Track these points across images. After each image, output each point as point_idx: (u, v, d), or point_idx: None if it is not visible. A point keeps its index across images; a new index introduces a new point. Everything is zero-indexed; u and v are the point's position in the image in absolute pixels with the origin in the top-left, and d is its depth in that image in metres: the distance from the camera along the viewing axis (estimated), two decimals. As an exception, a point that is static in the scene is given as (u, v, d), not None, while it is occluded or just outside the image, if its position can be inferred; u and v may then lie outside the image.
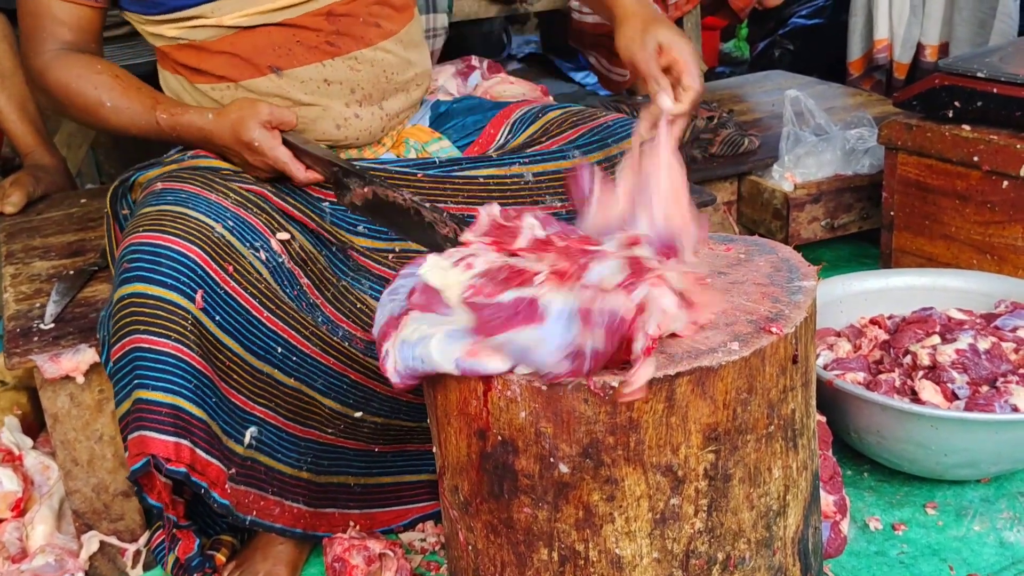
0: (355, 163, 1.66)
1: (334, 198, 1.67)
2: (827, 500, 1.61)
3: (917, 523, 1.72)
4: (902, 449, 1.73)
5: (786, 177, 2.57)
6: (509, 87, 2.43)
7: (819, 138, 2.61)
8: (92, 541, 1.71)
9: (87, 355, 1.60)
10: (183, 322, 1.42)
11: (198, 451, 1.42)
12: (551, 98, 2.45)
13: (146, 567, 1.72)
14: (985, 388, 1.75)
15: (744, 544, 1.22)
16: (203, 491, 1.44)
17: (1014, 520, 1.71)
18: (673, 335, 1.18)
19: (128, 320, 1.42)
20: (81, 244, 2.02)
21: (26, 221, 2.17)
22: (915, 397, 1.76)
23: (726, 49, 5.36)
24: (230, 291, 1.48)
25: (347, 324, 1.61)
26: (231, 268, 1.48)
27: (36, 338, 1.64)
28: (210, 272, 1.45)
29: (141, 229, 1.46)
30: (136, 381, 1.41)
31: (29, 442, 1.94)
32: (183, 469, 1.41)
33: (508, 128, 1.84)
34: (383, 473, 1.74)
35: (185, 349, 1.42)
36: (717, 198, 2.42)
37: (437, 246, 1.45)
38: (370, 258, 1.68)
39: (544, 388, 1.13)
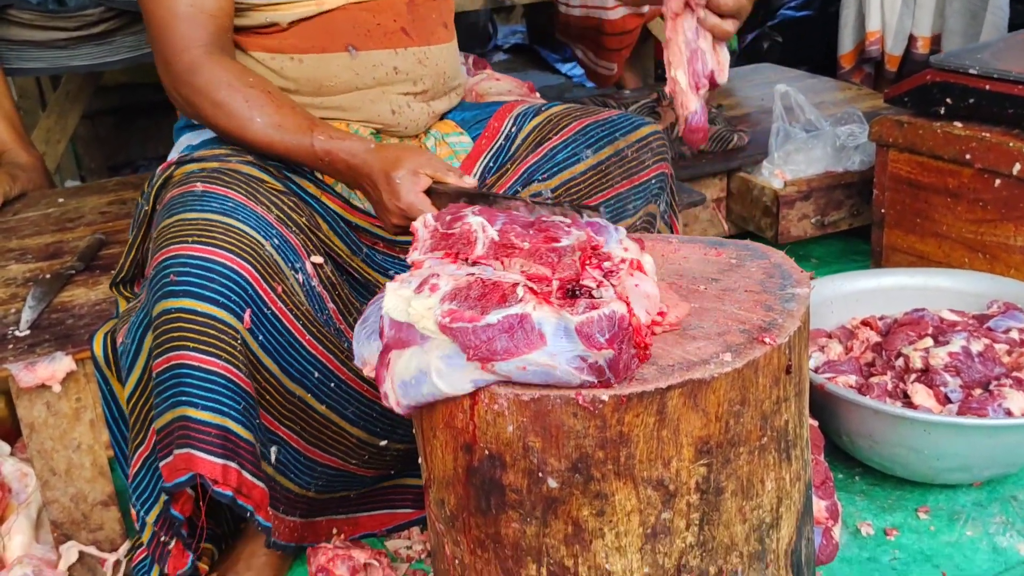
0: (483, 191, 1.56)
1: (374, 243, 1.64)
2: (819, 505, 1.59)
3: (909, 528, 1.70)
4: (894, 453, 1.71)
5: (776, 174, 2.55)
6: (495, 83, 2.39)
7: (809, 134, 2.59)
8: (71, 551, 1.67)
9: (63, 363, 1.56)
10: (233, 342, 1.38)
11: (245, 473, 1.38)
12: (538, 94, 2.41)
13: (126, 577, 1.69)
14: (978, 391, 1.73)
15: (736, 558, 1.20)
16: (249, 514, 1.41)
17: (1007, 525, 1.69)
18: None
19: (175, 335, 1.36)
20: (59, 246, 1.98)
21: (2, 222, 2.13)
22: (907, 401, 1.74)
23: (714, 41, 5.31)
24: (276, 312, 1.43)
25: None
26: (280, 288, 1.43)
27: (11, 345, 1.60)
28: (259, 291, 1.41)
29: (190, 239, 1.39)
30: (183, 398, 1.36)
31: (6, 448, 1.90)
32: (230, 492, 1.37)
33: (512, 120, 1.82)
34: (387, 479, 1.72)
35: (234, 369, 1.38)
36: (707, 197, 2.39)
37: None
38: None
39: (531, 402, 1.09)
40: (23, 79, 3.43)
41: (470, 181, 1.47)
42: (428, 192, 1.45)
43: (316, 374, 1.49)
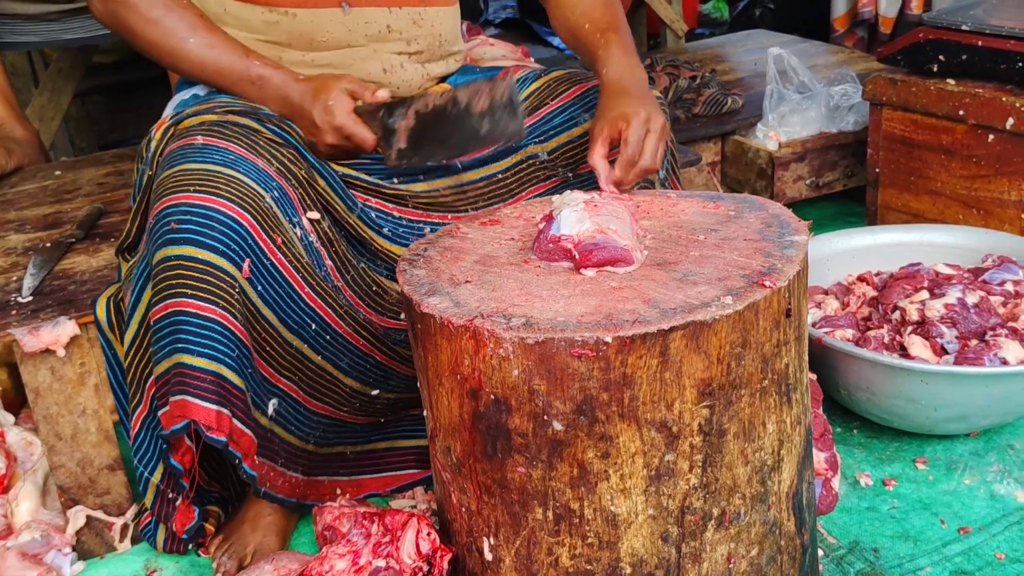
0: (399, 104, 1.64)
1: (367, 199, 1.64)
2: (818, 457, 1.61)
3: (907, 478, 1.72)
4: (892, 405, 1.73)
5: (770, 136, 2.56)
6: (489, 49, 2.39)
7: (803, 96, 2.60)
8: (78, 516, 1.68)
9: (67, 328, 1.56)
10: (231, 289, 1.39)
11: (235, 421, 1.40)
12: (532, 59, 2.41)
13: (134, 540, 1.70)
14: (974, 342, 1.74)
15: (739, 499, 1.21)
16: (237, 461, 1.43)
17: (1004, 473, 1.71)
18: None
19: (174, 282, 1.38)
20: (57, 216, 1.98)
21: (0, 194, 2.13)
22: (904, 352, 1.76)
23: (705, 10, 5.32)
24: (276, 263, 1.44)
25: (364, 308, 1.59)
26: (280, 240, 1.44)
27: (14, 312, 1.61)
28: (259, 241, 1.42)
29: (191, 189, 1.40)
30: (179, 345, 1.38)
31: (11, 419, 1.91)
32: (223, 438, 1.39)
33: None
34: (381, 439, 1.73)
35: (230, 317, 1.39)
36: (702, 158, 2.40)
37: (484, 138, 1.54)
38: (389, 258, 1.66)
39: (536, 345, 1.11)
40: (14, 57, 3.41)
41: (382, 94, 1.59)
42: (357, 113, 1.60)
43: (313, 326, 1.51)
